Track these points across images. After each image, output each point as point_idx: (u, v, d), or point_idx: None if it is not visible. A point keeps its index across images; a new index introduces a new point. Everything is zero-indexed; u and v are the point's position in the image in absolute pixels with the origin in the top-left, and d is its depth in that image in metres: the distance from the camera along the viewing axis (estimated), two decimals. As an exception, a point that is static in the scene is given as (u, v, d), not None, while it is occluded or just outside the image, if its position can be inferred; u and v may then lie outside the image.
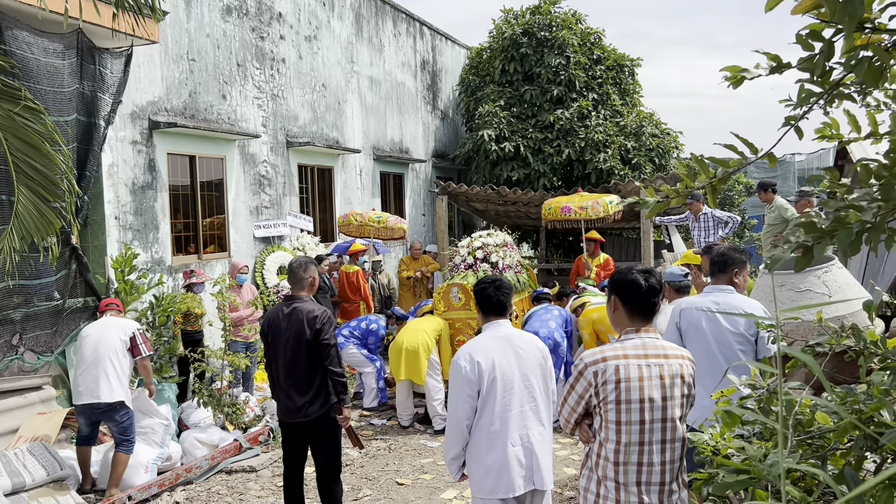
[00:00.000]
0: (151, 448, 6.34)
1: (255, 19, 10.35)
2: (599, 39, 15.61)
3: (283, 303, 4.90)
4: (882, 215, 1.78)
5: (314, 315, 4.70)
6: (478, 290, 3.81)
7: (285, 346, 4.73)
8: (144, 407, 6.41)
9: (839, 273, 5.65)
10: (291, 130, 11.15)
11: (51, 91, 6.69)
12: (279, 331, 4.77)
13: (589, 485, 2.89)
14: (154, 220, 8.47)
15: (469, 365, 3.56)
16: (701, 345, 3.94)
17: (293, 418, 4.79)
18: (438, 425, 7.43)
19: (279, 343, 4.77)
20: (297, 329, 4.70)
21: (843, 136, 2.08)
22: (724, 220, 9.53)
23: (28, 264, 6.53)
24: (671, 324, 4.10)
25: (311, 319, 4.69)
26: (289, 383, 4.77)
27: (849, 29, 1.59)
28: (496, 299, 3.75)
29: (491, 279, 3.83)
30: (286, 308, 4.81)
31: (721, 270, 4.17)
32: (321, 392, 4.75)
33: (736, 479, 1.75)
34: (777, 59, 1.87)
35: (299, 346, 4.70)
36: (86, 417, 5.88)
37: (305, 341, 4.68)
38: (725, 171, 2.01)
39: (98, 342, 5.90)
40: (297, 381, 4.74)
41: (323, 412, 4.75)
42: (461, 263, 8.54)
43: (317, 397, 4.74)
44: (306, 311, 4.73)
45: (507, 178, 14.57)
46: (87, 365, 5.81)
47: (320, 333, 4.67)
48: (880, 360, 2.26)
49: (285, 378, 4.77)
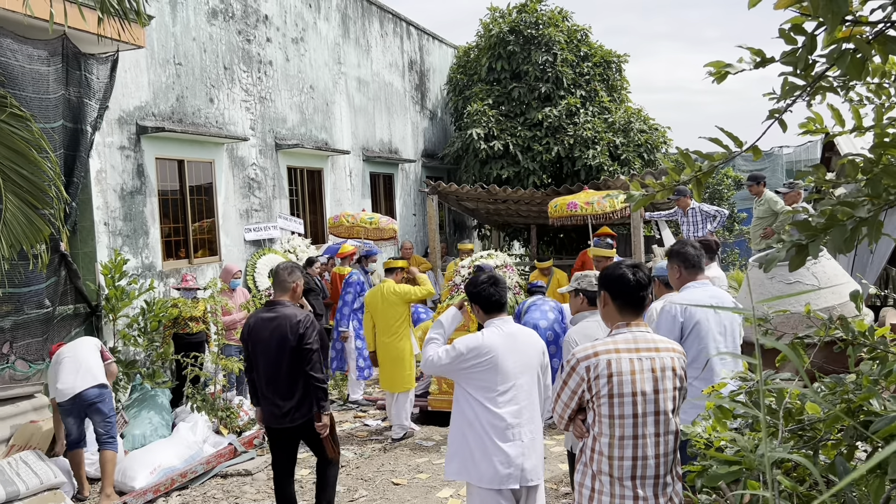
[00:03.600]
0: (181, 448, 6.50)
1: (242, 22, 10.32)
2: (586, 36, 15.66)
3: (265, 308, 4.84)
4: (874, 211, 1.80)
5: (297, 320, 4.66)
6: (475, 290, 3.83)
7: (269, 352, 4.68)
8: None
9: (828, 264, 5.70)
10: (280, 133, 11.13)
11: (36, 98, 6.65)
12: (262, 337, 4.70)
13: (584, 479, 2.91)
14: (144, 226, 8.44)
15: (466, 350, 3.68)
16: (707, 341, 3.99)
17: (280, 424, 4.76)
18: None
19: (262, 349, 4.71)
20: (280, 335, 4.65)
21: (827, 130, 2.10)
22: (711, 214, 9.57)
23: (17, 272, 6.49)
24: (673, 321, 4.07)
25: (294, 325, 4.64)
26: (272, 389, 4.72)
27: (832, 24, 1.60)
28: (496, 297, 3.80)
29: (486, 277, 3.85)
30: (269, 314, 4.75)
31: (697, 266, 4.22)
32: (307, 397, 4.72)
33: (728, 470, 1.77)
34: (760, 54, 1.88)
35: (283, 352, 4.65)
36: (74, 416, 5.88)
37: (290, 347, 4.64)
38: (711, 164, 2.02)
39: (74, 349, 6.08)
40: (281, 386, 4.70)
41: (310, 416, 4.74)
42: (462, 283, 8.52)
43: (302, 403, 4.71)
44: (290, 316, 4.69)
45: (496, 176, 14.59)
46: (69, 364, 5.91)
47: (303, 339, 4.63)
48: (869, 351, 2.28)
49: (269, 384, 4.72)
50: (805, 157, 25.92)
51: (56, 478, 5.65)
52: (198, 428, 6.93)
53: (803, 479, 2.05)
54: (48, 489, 5.58)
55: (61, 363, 5.94)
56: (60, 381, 5.81)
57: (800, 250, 1.86)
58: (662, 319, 4.11)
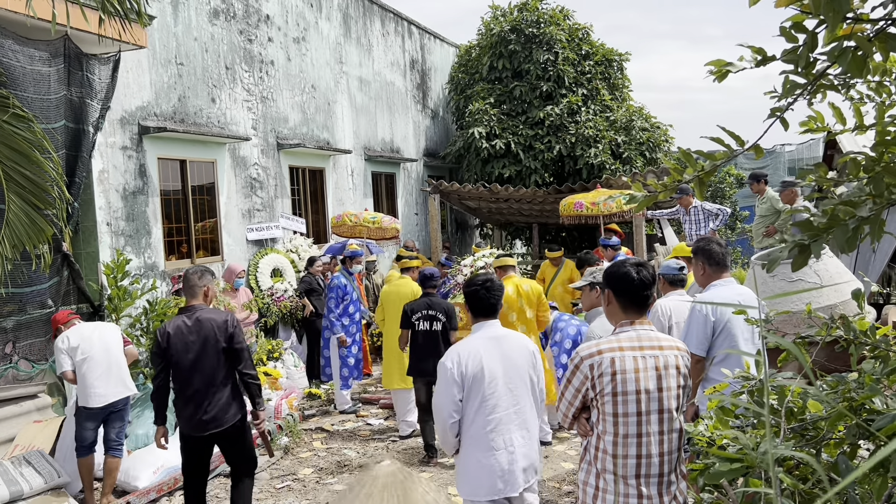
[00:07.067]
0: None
1: (243, 22, 10.33)
2: (587, 35, 15.64)
3: (182, 314, 4.73)
4: (877, 210, 1.80)
5: (224, 320, 4.65)
6: (469, 291, 3.77)
7: (196, 358, 4.60)
8: None
9: (830, 263, 5.69)
10: (282, 132, 11.14)
11: (38, 98, 6.67)
12: (185, 342, 4.61)
13: (588, 478, 2.91)
14: (146, 226, 8.45)
15: (455, 367, 3.56)
16: (738, 340, 4.01)
17: (204, 430, 4.67)
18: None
19: (187, 356, 4.61)
20: (206, 338, 4.60)
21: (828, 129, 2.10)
22: (714, 212, 9.56)
23: (20, 272, 6.51)
24: (704, 321, 4.06)
25: (221, 325, 4.62)
26: (198, 394, 4.63)
27: (833, 23, 1.60)
28: (487, 301, 3.71)
29: (482, 280, 3.78)
30: (188, 319, 4.65)
31: (721, 264, 4.22)
32: (234, 398, 4.73)
33: (730, 468, 1.77)
34: (762, 52, 1.88)
35: (209, 355, 4.61)
36: (96, 420, 5.79)
37: (220, 349, 4.61)
38: (713, 163, 2.02)
39: (106, 344, 5.87)
40: (210, 390, 4.64)
41: (238, 418, 4.75)
42: (462, 282, 8.50)
43: (229, 404, 4.70)
44: (213, 318, 4.65)
45: (498, 175, 14.59)
46: (102, 367, 5.73)
47: (234, 338, 4.63)
48: (871, 349, 2.28)
49: (192, 390, 4.64)
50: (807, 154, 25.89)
51: (60, 478, 5.66)
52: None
53: (805, 477, 2.05)
54: (51, 489, 5.58)
55: (90, 358, 5.72)
56: (91, 385, 5.66)
57: (802, 250, 1.86)
58: (693, 321, 4.09)
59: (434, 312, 6.65)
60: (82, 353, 5.72)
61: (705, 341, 4.04)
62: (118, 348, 5.94)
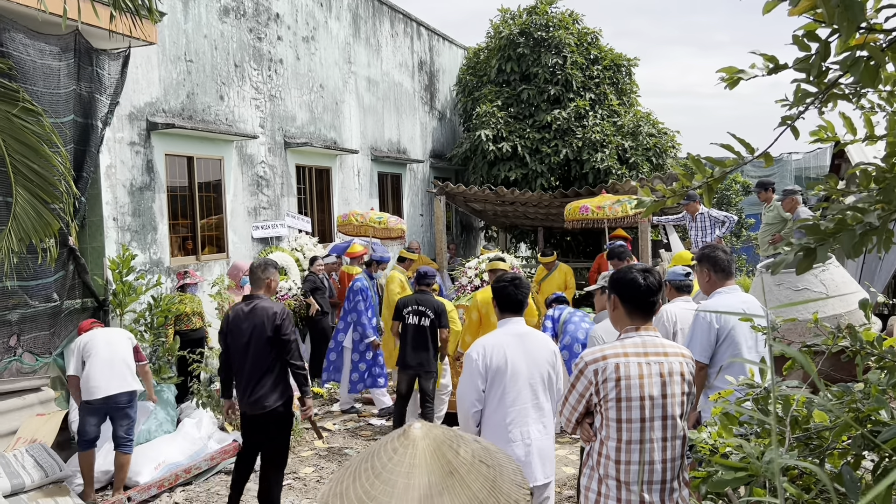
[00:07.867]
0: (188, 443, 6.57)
1: (253, 20, 10.35)
2: (596, 39, 15.63)
3: (243, 302, 5.18)
4: (884, 217, 1.79)
5: (274, 312, 5.01)
6: (498, 287, 3.90)
7: (247, 343, 5.02)
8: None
9: (836, 272, 5.67)
10: (289, 131, 11.15)
11: (48, 92, 6.69)
12: (240, 328, 5.05)
13: (590, 483, 2.91)
14: (152, 221, 8.47)
15: (480, 358, 3.70)
16: (741, 347, 4.00)
17: (254, 410, 5.06)
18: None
19: (241, 340, 5.04)
20: (256, 325, 4.99)
21: (838, 139, 2.09)
22: (720, 219, 9.55)
23: (26, 266, 6.52)
24: (709, 328, 4.05)
25: (271, 316, 4.99)
26: (247, 376, 5.04)
27: (847, 33, 1.59)
28: (515, 297, 3.86)
29: (510, 277, 3.93)
30: (246, 307, 5.10)
31: (726, 271, 4.22)
32: (278, 385, 5.06)
33: (734, 477, 1.76)
34: (773, 60, 1.88)
35: (258, 342, 5.00)
36: (98, 415, 5.83)
37: (267, 337, 4.98)
38: (722, 170, 2.02)
39: (110, 342, 5.98)
40: (256, 374, 5.02)
41: (280, 403, 5.07)
42: (468, 285, 8.49)
43: (273, 390, 5.04)
44: (266, 308, 5.03)
45: (504, 178, 14.58)
46: (103, 361, 5.80)
47: (280, 329, 4.98)
48: (877, 360, 2.27)
49: (244, 372, 5.04)
50: (815, 163, 25.78)
51: (61, 471, 5.67)
52: (203, 424, 6.94)
53: (808, 487, 2.04)
54: (53, 482, 5.59)
55: (94, 354, 5.81)
56: (91, 378, 5.74)
57: (808, 254, 1.85)
58: (697, 328, 4.08)
59: (423, 308, 6.84)
60: (88, 350, 5.86)
61: (709, 349, 4.03)
62: (125, 348, 6.02)
